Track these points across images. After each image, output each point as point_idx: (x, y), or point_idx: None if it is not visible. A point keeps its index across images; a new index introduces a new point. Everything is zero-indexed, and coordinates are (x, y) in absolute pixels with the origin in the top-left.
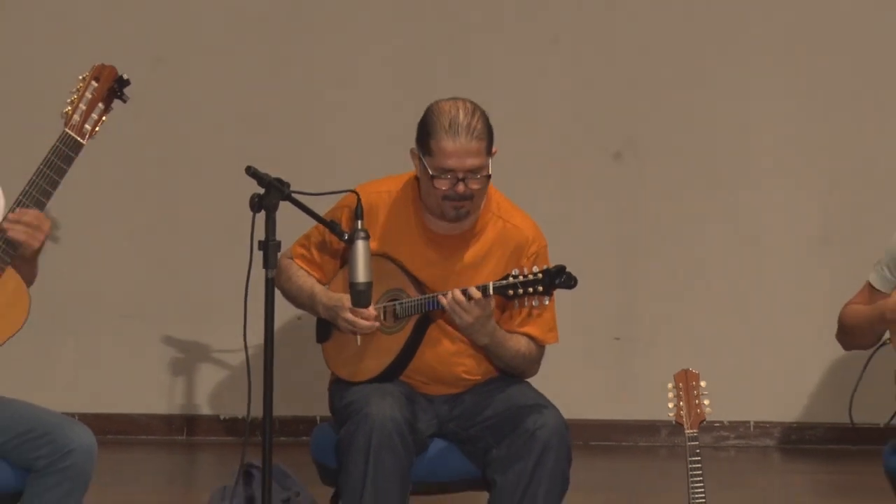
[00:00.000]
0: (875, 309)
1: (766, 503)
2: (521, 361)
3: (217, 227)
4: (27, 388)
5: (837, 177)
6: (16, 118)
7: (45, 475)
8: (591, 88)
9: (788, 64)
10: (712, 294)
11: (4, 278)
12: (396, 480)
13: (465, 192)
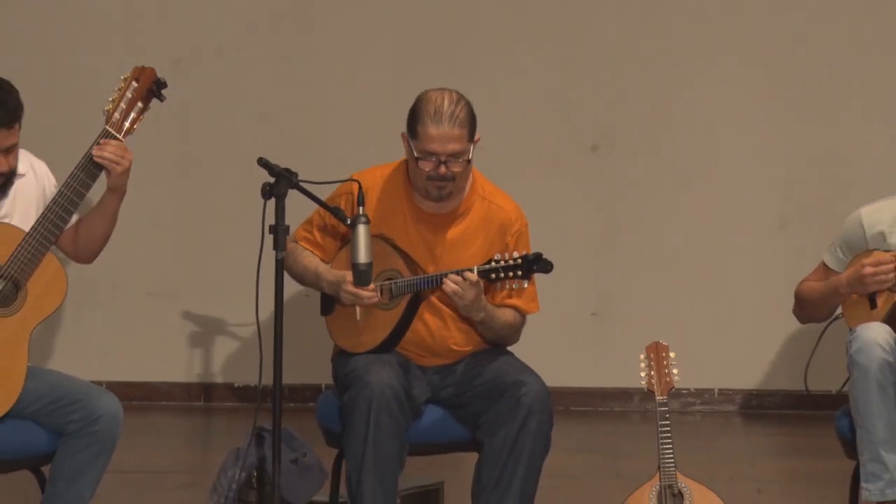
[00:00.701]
0: (829, 285)
1: (728, 463)
2: (509, 331)
3: (232, 213)
4: (60, 359)
5: (793, 170)
6: (60, 114)
7: (76, 438)
8: (571, 87)
9: (750, 66)
10: (681, 274)
11: (45, 262)
12: (394, 441)
13: (446, 174)
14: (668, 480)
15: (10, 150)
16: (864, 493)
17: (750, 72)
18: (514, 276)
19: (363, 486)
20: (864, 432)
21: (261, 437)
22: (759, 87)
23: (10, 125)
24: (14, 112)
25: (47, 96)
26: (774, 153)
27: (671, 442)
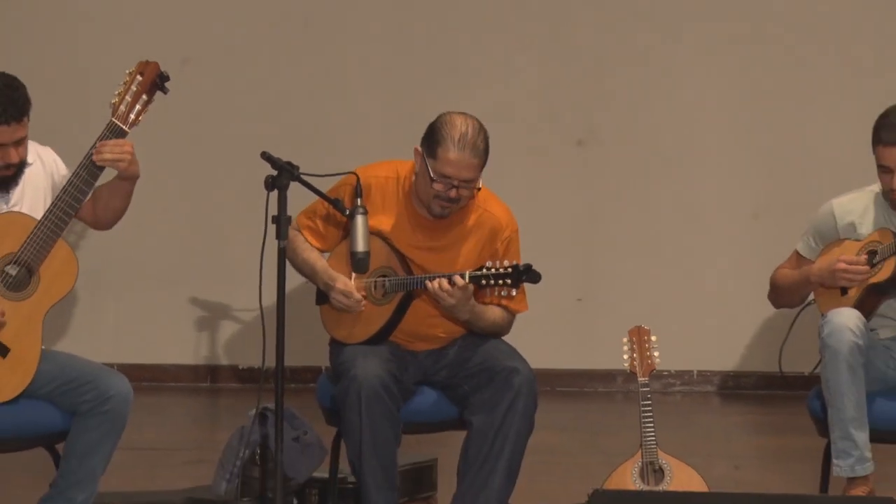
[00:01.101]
0: (802, 273)
1: (706, 441)
2: (496, 329)
3: (236, 204)
4: (73, 342)
5: (768, 163)
6: (71, 107)
7: (88, 417)
8: (558, 85)
9: (727, 66)
10: (662, 262)
11: (57, 248)
12: (388, 424)
13: (455, 197)
14: (649, 457)
15: (21, 142)
16: (835, 469)
17: (726, 71)
18: (504, 283)
19: (364, 468)
20: (834, 411)
21: (264, 417)
22: (735, 86)
23: (19, 119)
24: (22, 107)
25: (58, 90)
26: (749, 147)
27: (652, 421)
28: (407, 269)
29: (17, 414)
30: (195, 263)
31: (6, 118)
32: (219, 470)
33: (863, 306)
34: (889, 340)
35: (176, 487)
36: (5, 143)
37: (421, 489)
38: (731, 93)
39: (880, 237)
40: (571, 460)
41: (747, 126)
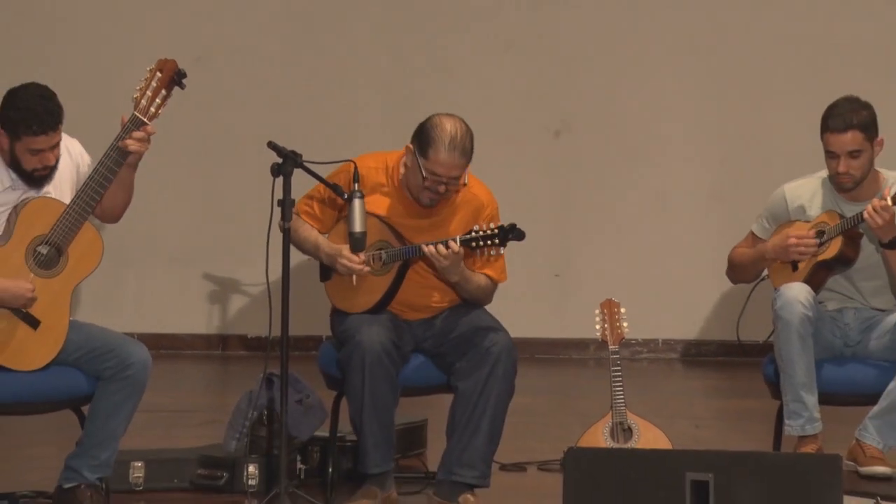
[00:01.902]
0: (757, 250)
1: (670, 403)
2: (481, 293)
3: (245, 189)
4: (97, 313)
5: (726, 151)
6: (95, 102)
7: (111, 382)
8: (537, 81)
9: (689, 62)
10: (630, 241)
11: (84, 230)
12: (387, 386)
13: (444, 192)
14: (619, 418)
15: (56, 146)
16: (787, 428)
17: (688, 66)
18: (492, 243)
19: (364, 425)
20: (786, 377)
21: (270, 381)
22: (696, 79)
23: (54, 128)
24: (57, 117)
25: (85, 87)
26: (709, 135)
27: (622, 385)
28: (402, 241)
29: (47, 379)
30: (207, 242)
31: (43, 129)
32: (229, 430)
33: (812, 281)
34: (835, 312)
35: (190, 446)
36: (43, 149)
37: (413, 447)
38: (693, 88)
39: (828, 218)
40: (548, 421)
41: (707, 118)
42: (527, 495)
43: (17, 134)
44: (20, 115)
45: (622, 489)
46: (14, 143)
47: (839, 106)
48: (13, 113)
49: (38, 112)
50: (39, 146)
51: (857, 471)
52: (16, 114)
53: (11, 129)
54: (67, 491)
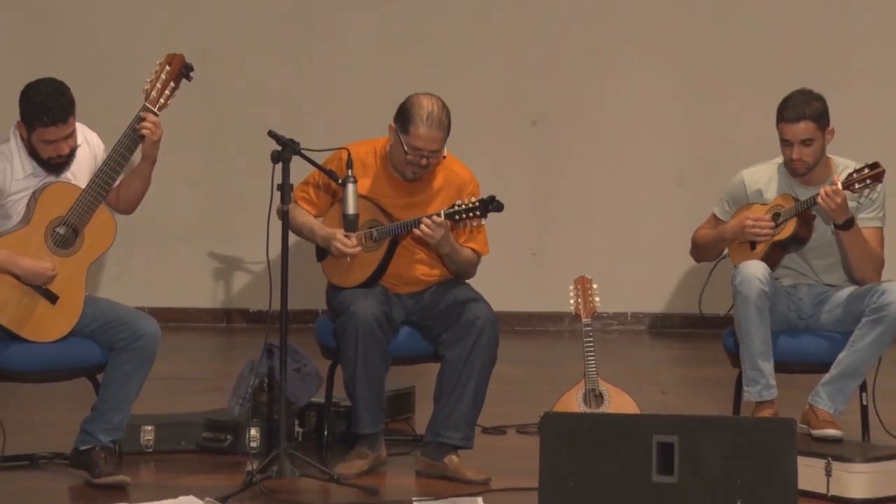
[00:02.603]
0: (718, 231)
1: (638, 371)
2: (468, 265)
3: (247, 174)
4: (111, 288)
5: (690, 140)
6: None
7: (123, 353)
8: (516, 73)
9: (658, 55)
10: (602, 222)
11: (98, 212)
12: (379, 356)
13: (425, 164)
14: (591, 385)
15: (69, 136)
16: (745, 394)
17: (657, 62)
18: (474, 215)
19: (357, 390)
20: (745, 347)
21: (270, 352)
22: (664, 73)
23: (66, 120)
24: (69, 109)
25: (100, 80)
26: (675, 126)
27: (594, 355)
28: (390, 219)
29: (65, 350)
30: (212, 224)
31: (54, 121)
32: (233, 396)
33: (768, 260)
34: (790, 287)
35: (196, 411)
36: (56, 139)
37: (402, 412)
38: (661, 82)
39: (783, 201)
40: (526, 388)
41: (673, 109)
42: (506, 456)
43: (33, 125)
44: (34, 109)
45: (594, 450)
46: (31, 133)
47: (793, 98)
48: (28, 107)
49: (49, 106)
50: (52, 137)
51: (809, 433)
52: (30, 107)
53: (27, 122)
54: (83, 452)
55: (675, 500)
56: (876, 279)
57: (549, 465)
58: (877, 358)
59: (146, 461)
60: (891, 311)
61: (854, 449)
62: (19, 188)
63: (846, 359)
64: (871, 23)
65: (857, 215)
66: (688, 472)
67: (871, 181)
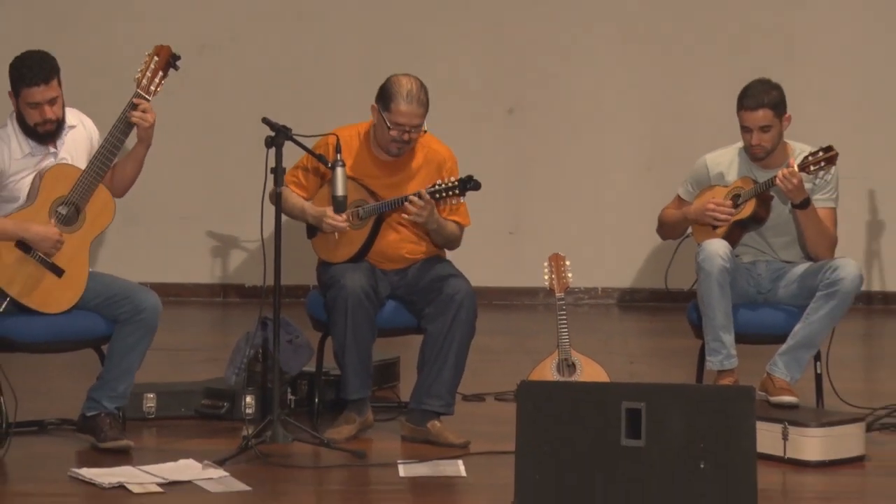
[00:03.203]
0: (682, 212)
1: (608, 342)
2: (453, 237)
3: (243, 158)
4: (114, 264)
5: (656, 125)
6: (107, 82)
7: (126, 325)
8: (494, 65)
9: (625, 50)
10: (574, 203)
11: (98, 192)
12: (367, 327)
13: (408, 140)
14: (564, 355)
15: (54, 101)
16: (708, 363)
17: (624, 52)
18: (454, 193)
19: (346, 358)
20: (707, 319)
21: (264, 324)
22: (631, 64)
23: (48, 81)
24: (50, 71)
25: (97, 70)
26: (643, 112)
27: (566, 327)
28: (375, 198)
29: (71, 322)
30: (210, 204)
31: (37, 80)
32: (229, 366)
33: (729, 238)
34: (750, 264)
35: (195, 380)
36: (40, 101)
37: (387, 380)
38: (629, 72)
39: (743, 184)
40: (503, 358)
41: (640, 98)
42: (485, 422)
43: (18, 89)
44: (19, 72)
45: (567, 416)
46: (18, 100)
47: (752, 87)
48: (14, 71)
49: (32, 67)
50: (36, 98)
51: (767, 400)
52: (15, 71)
53: (15, 86)
54: (89, 418)
55: (643, 462)
56: (829, 256)
57: (525, 430)
58: (830, 330)
59: (148, 427)
60: (843, 286)
61: (809, 414)
62: (19, 168)
63: (801, 331)
64: (822, 13)
65: (813, 196)
66: (654, 437)
67: (826, 164)
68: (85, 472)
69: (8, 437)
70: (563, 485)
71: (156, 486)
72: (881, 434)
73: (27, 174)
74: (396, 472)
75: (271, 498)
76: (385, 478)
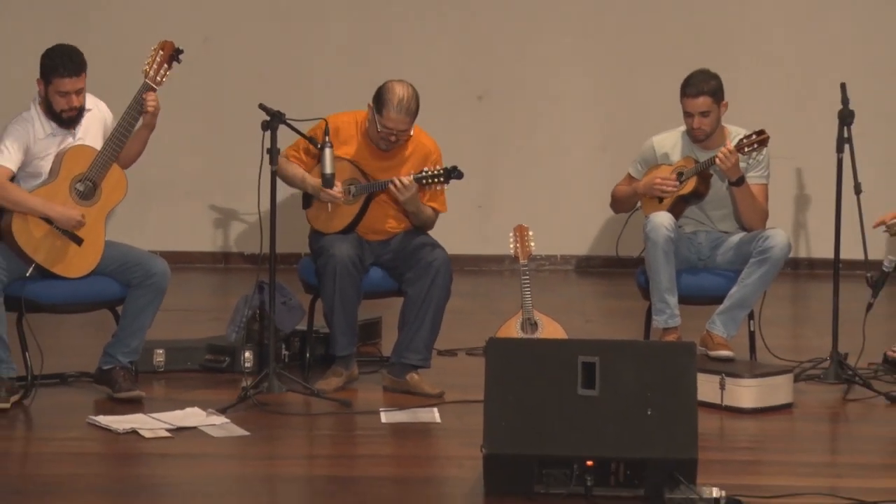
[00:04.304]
0: (632, 189)
1: (567, 303)
2: (429, 221)
3: (242, 139)
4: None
5: (610, 110)
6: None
7: (138, 288)
8: (465, 56)
9: (582, 42)
10: (536, 180)
11: (113, 169)
12: (353, 290)
13: (395, 140)
14: (527, 315)
15: (80, 92)
16: (654, 322)
17: (581, 44)
18: (439, 181)
19: (335, 318)
20: (653, 283)
21: (261, 288)
22: (587, 55)
23: (78, 74)
24: (80, 65)
25: (110, 61)
26: (597, 99)
27: (529, 290)
28: (367, 179)
29: (89, 286)
30: (213, 180)
31: (69, 72)
32: (230, 325)
33: (673, 211)
34: (691, 234)
35: (200, 337)
36: (69, 91)
37: (371, 337)
38: (585, 61)
39: (685, 163)
40: (474, 318)
41: (598, 85)
42: (458, 374)
43: (50, 78)
44: (52, 63)
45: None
46: (48, 87)
47: (694, 77)
48: (47, 61)
49: (65, 60)
50: (66, 88)
51: (707, 354)
52: (49, 61)
53: (46, 75)
54: (105, 371)
55: (597, 409)
56: (761, 227)
57: (493, 381)
58: (762, 292)
59: (158, 379)
60: (773, 253)
61: (743, 367)
62: (42, 147)
63: (737, 293)
64: (759, 11)
65: (747, 174)
66: (607, 387)
67: (759, 145)
68: (101, 419)
69: (33, 389)
70: (526, 430)
71: (164, 432)
72: (806, 384)
73: (48, 154)
74: (378, 419)
75: (267, 441)
76: (368, 424)
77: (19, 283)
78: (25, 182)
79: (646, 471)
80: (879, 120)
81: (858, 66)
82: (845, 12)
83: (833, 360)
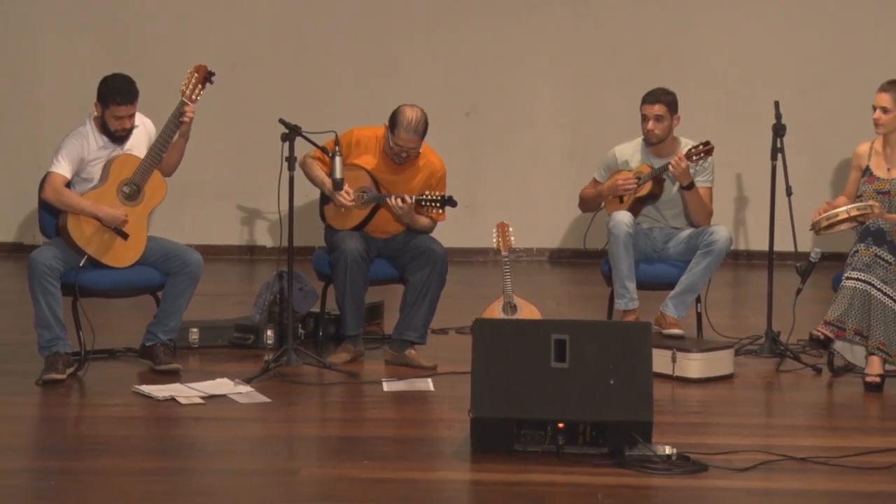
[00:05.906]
0: (597, 191)
1: (542, 290)
2: (425, 229)
3: (265, 149)
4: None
5: (578, 124)
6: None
7: (176, 276)
8: (453, 76)
9: (554, 65)
10: (515, 183)
11: (154, 175)
12: (361, 280)
13: (406, 157)
14: (508, 299)
15: (132, 116)
16: (616, 305)
17: (553, 67)
18: (435, 206)
19: (345, 304)
20: (616, 272)
21: (281, 276)
22: (558, 75)
23: (133, 101)
24: (134, 94)
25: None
26: (567, 115)
27: (510, 278)
28: (378, 188)
29: (134, 275)
30: (240, 184)
31: (124, 100)
32: (255, 307)
33: (632, 210)
34: (647, 229)
35: (229, 318)
36: (123, 116)
37: (374, 318)
38: (557, 82)
39: (642, 169)
40: (462, 301)
41: (565, 102)
42: (449, 349)
43: (108, 103)
44: (111, 91)
45: (510, 345)
46: (104, 111)
47: (654, 90)
48: (106, 89)
49: (122, 90)
50: (121, 114)
51: (661, 332)
52: (108, 90)
53: (104, 100)
54: (148, 347)
55: (567, 379)
56: (707, 223)
57: (479, 356)
58: (707, 279)
59: (193, 354)
60: (717, 246)
61: (691, 343)
62: (94, 157)
63: (686, 280)
64: (704, 38)
65: (695, 178)
66: (576, 360)
67: (705, 154)
68: (144, 388)
69: (86, 362)
70: (506, 397)
71: (198, 399)
72: (745, 358)
73: (100, 162)
74: (381, 388)
75: (286, 407)
76: (372, 392)
77: (74, 272)
78: (80, 185)
79: (608, 431)
80: (807, 132)
81: (790, 86)
82: (780, 39)
83: (768, 337)
